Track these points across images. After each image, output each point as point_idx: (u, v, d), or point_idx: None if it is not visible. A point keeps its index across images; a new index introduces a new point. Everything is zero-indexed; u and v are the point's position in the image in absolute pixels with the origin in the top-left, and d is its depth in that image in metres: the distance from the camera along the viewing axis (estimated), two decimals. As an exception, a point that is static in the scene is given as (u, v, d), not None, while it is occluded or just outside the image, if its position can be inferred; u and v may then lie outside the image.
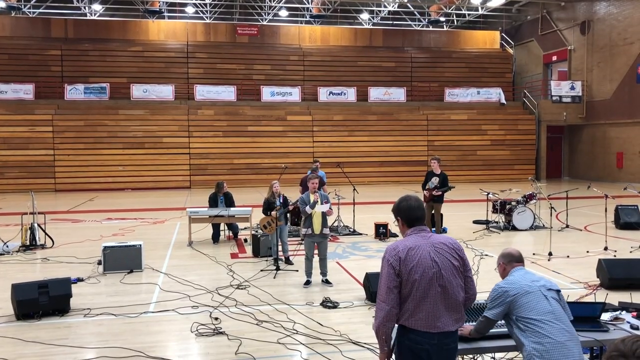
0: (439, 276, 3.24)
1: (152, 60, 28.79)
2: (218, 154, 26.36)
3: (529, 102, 29.73)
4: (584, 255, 10.02)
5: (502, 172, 28.37)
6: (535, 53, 31.59)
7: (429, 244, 3.30)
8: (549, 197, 12.11)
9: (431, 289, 3.22)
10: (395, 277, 3.23)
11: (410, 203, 3.44)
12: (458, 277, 3.32)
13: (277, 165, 24.80)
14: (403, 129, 28.03)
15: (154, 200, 20.63)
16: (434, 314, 3.22)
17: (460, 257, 3.36)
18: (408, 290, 3.23)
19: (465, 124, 28.60)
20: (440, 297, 3.24)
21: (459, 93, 30.17)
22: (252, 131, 26.78)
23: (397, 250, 3.30)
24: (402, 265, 3.23)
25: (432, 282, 3.22)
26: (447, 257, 3.30)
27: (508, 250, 4.02)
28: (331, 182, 23.32)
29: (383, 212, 16.46)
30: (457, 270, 3.31)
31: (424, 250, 3.27)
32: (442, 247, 3.32)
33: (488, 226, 12.95)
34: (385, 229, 11.89)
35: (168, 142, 25.96)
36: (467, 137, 28.40)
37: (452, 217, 14.28)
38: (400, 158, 27.66)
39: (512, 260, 3.94)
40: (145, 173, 25.57)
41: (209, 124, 26.59)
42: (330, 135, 27.36)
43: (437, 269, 3.25)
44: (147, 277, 8.66)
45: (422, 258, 3.24)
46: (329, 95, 29.02)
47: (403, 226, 3.46)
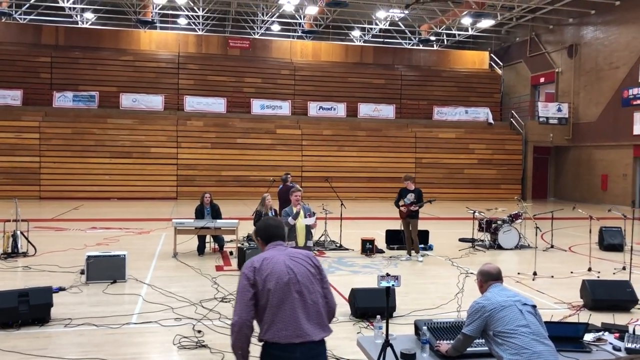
0: (294, 282, 3.21)
1: (143, 70, 28.75)
2: (206, 166, 26.28)
3: (517, 122, 30.04)
4: (568, 275, 10.07)
5: (489, 191, 28.56)
6: (524, 74, 32.01)
7: (285, 254, 3.33)
8: (534, 217, 12.19)
9: (288, 296, 3.17)
10: (250, 287, 3.18)
11: (269, 222, 3.51)
12: (316, 284, 3.29)
13: (265, 178, 24.78)
14: (391, 145, 28.16)
15: (140, 211, 20.47)
16: (294, 323, 3.13)
17: (316, 266, 3.37)
18: (265, 300, 3.16)
19: (453, 142, 28.81)
20: (299, 303, 3.18)
21: (448, 112, 30.43)
22: (241, 144, 26.75)
23: (253, 261, 3.30)
24: (256, 274, 3.21)
25: (288, 288, 3.18)
26: (302, 264, 3.30)
27: (486, 268, 4.09)
28: (319, 197, 23.28)
29: (370, 227, 16.45)
30: (314, 276, 3.30)
31: (279, 259, 3.28)
32: (298, 256, 3.36)
33: (474, 244, 12.99)
34: (371, 244, 11.88)
35: (156, 152, 25.84)
36: (454, 156, 28.59)
37: (438, 235, 14.32)
38: (388, 174, 27.76)
39: (489, 278, 4.02)
40: (132, 183, 25.39)
41: (198, 135, 26.52)
42: (319, 150, 27.41)
43: (293, 275, 3.23)
44: (130, 288, 8.57)
45: (277, 265, 3.23)
46: (318, 110, 29.13)
47: (262, 245, 3.49)
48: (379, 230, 14.87)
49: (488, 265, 4.13)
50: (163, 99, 27.63)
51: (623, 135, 25.10)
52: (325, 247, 12.56)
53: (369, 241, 11.96)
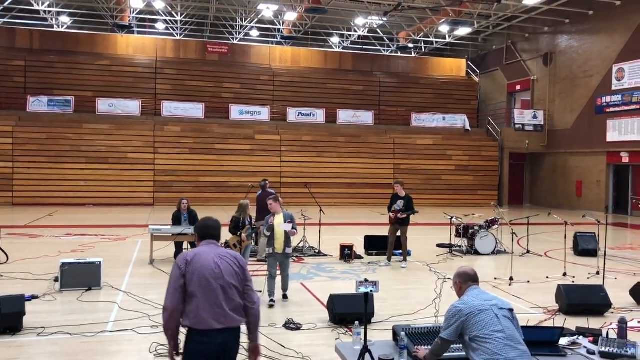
0: (219, 277, 3.74)
1: (120, 74, 28.47)
2: (183, 171, 26.09)
3: (493, 129, 30.43)
4: (544, 280, 10.21)
5: (466, 197, 28.84)
6: (500, 82, 32.47)
7: (215, 252, 3.85)
8: (510, 223, 12.34)
9: (213, 289, 3.69)
10: (181, 277, 3.70)
11: (207, 222, 4.01)
12: (237, 282, 3.80)
13: (243, 184, 24.67)
14: (370, 151, 28.29)
15: (116, 217, 20.22)
16: (216, 312, 3.65)
17: (241, 266, 3.87)
18: (192, 290, 3.67)
19: (431, 148, 29.06)
20: (222, 295, 3.71)
21: (425, 118, 30.69)
22: (220, 149, 26.63)
23: (186, 255, 3.83)
24: (187, 266, 3.74)
25: (213, 282, 3.70)
26: (229, 263, 3.82)
27: (464, 269, 4.12)
28: (298, 203, 23.25)
29: (349, 233, 16.47)
30: (237, 275, 3.81)
31: (209, 255, 3.81)
32: (226, 255, 3.87)
33: (451, 250, 13.09)
34: (350, 250, 11.90)
35: (133, 158, 25.57)
36: (432, 162, 28.84)
37: (416, 241, 14.40)
38: (367, 180, 27.86)
39: (467, 279, 4.04)
40: (108, 189, 25.08)
41: (175, 141, 26.33)
42: (298, 156, 27.41)
43: (219, 270, 3.75)
44: (105, 295, 8.45)
45: (206, 261, 3.77)
46: (298, 115, 29.16)
47: (198, 240, 3.98)
48: (357, 236, 14.91)
49: (465, 267, 4.16)
50: (140, 104, 27.38)
51: (597, 142, 25.58)
52: (304, 254, 12.53)
53: (347, 247, 11.97)
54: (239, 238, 9.37)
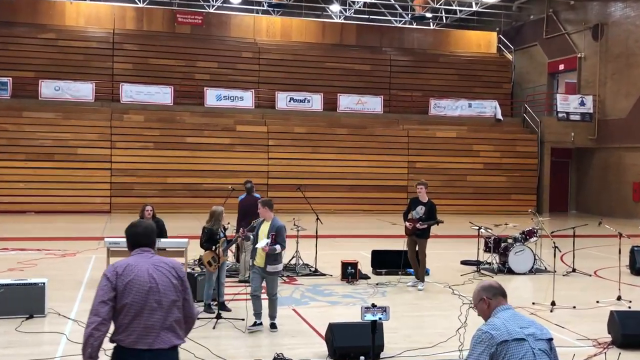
0: (155, 292, 4.03)
1: (68, 51, 28.43)
2: (147, 171, 26.06)
3: (531, 119, 30.49)
4: (593, 305, 10.23)
5: (497, 202, 28.87)
6: (539, 60, 32.52)
7: (149, 262, 4.14)
8: (552, 235, 12.35)
9: (147, 304, 3.99)
10: (111, 290, 4.00)
11: (137, 230, 4.32)
12: (176, 295, 4.11)
13: (221, 187, 24.64)
14: (379, 146, 28.31)
15: (64, 227, 20.18)
16: (148, 331, 3.97)
17: (179, 277, 4.17)
18: (123, 305, 3.97)
19: (454, 142, 29.09)
20: (156, 312, 4.00)
21: (447, 105, 30.74)
22: (192, 143, 26.61)
23: (116, 266, 4.11)
24: (118, 279, 4.01)
25: (147, 297, 4.00)
26: (165, 275, 4.11)
27: (488, 282, 4.07)
28: (289, 209, 23.21)
29: (352, 247, 16.45)
30: (175, 288, 4.12)
31: (143, 267, 4.09)
32: (162, 266, 4.15)
33: (479, 268, 13.10)
34: (354, 268, 11.91)
35: (84, 154, 25.53)
36: (455, 159, 28.86)
37: (435, 257, 14.41)
38: (374, 182, 27.86)
39: (496, 293, 3.97)
40: (54, 192, 25.03)
41: (138, 133, 26.30)
42: (289, 152, 27.41)
43: (155, 284, 4.04)
44: (51, 325, 8.44)
45: (139, 273, 4.04)
46: (289, 102, 29.17)
47: (129, 248, 4.31)
48: (363, 250, 14.90)
49: (488, 280, 4.11)
50: (93, 87, 27.35)
51: (658, 135, 25.64)
52: (296, 272, 12.53)
53: (350, 264, 11.98)
54: (214, 254, 9.36)
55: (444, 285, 11.69)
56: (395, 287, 11.59)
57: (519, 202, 28.79)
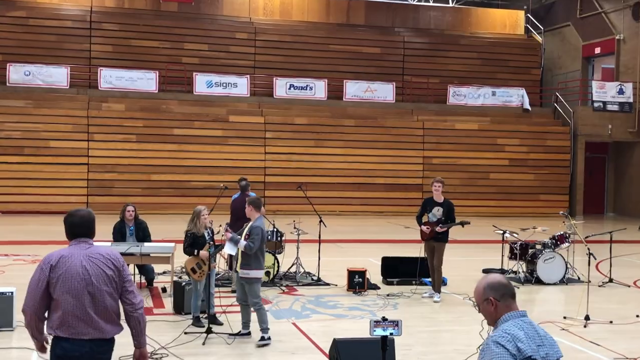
0: (88, 284, 4.51)
1: (40, 31, 28.42)
2: (129, 167, 26.06)
3: (562, 109, 30.42)
4: (633, 320, 10.20)
5: (524, 203, 28.82)
6: (572, 42, 32.43)
7: (84, 254, 4.59)
8: (586, 240, 12.32)
9: (80, 296, 4.48)
10: (44, 282, 4.50)
11: (73, 220, 4.79)
12: (110, 286, 4.59)
13: (213, 185, 24.64)
14: (390, 140, 28.26)
15: (35, 230, 20.19)
16: (83, 321, 4.49)
17: (116, 267, 4.63)
18: (57, 296, 4.48)
19: (475, 135, 29.04)
20: (90, 304, 4.50)
21: (468, 93, 30.67)
22: (180, 136, 26.60)
23: (51, 257, 4.58)
24: (52, 271, 4.50)
25: (81, 289, 4.49)
26: (99, 266, 4.57)
27: (496, 278, 3.79)
28: (289, 211, 23.20)
29: (360, 253, 16.44)
30: (110, 279, 4.58)
31: (77, 258, 4.55)
32: (97, 257, 4.61)
33: (503, 277, 13.06)
34: (362, 277, 11.90)
35: (58, 148, 25.54)
36: (476, 155, 28.81)
37: (454, 264, 14.40)
38: (385, 180, 27.82)
39: (505, 293, 3.72)
40: (23, 190, 25.04)
41: (118, 124, 26.31)
42: (289, 145, 27.38)
43: (88, 276, 4.51)
44: (20, 339, 8.45)
45: (73, 265, 4.51)
46: (288, 89, 29.13)
47: (68, 238, 4.73)
48: (372, 257, 14.88)
49: (493, 275, 3.82)
50: (68, 72, 27.34)
51: None
52: (297, 282, 12.52)
53: (358, 273, 11.96)
54: (198, 260, 9.35)
55: (463, 297, 11.65)
56: (408, 298, 11.56)
57: (549, 203, 28.72)
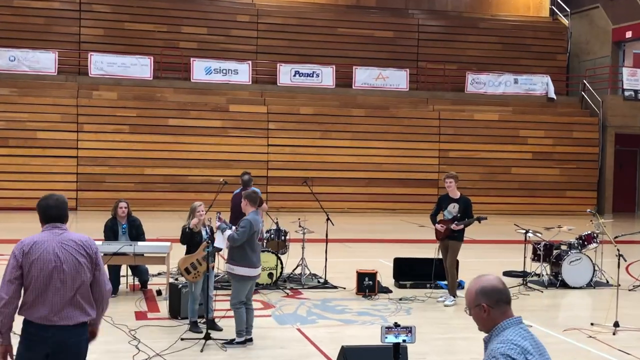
0: (59, 271, 4.90)
1: (25, 13, 28.44)
2: (121, 160, 26.10)
3: (590, 98, 30.34)
4: (666, 327, 10.19)
5: (548, 200, 28.77)
6: (602, 26, 32.30)
7: (57, 240, 4.98)
8: (615, 240, 12.30)
9: (51, 283, 4.89)
10: (18, 268, 4.89)
11: (48, 202, 5.13)
12: (82, 274, 4.98)
13: (212, 180, 24.68)
14: (403, 131, 28.24)
15: (20, 227, 20.20)
16: (52, 308, 4.88)
17: (88, 254, 5.03)
18: (28, 283, 4.89)
19: (496, 127, 28.98)
20: (60, 291, 4.90)
21: (487, 81, 30.60)
22: (176, 127, 26.63)
23: (24, 243, 4.96)
24: (24, 257, 4.90)
25: (51, 276, 4.88)
26: (72, 253, 4.96)
27: (490, 282, 3.71)
28: (293, 207, 23.20)
29: (370, 254, 16.43)
30: (81, 266, 4.98)
31: (49, 245, 4.94)
32: (70, 244, 4.99)
33: (525, 280, 13.05)
34: (372, 280, 11.91)
35: (45, 139, 25.59)
36: (497, 148, 28.76)
37: (471, 266, 14.38)
38: (397, 175, 27.79)
39: (500, 300, 3.67)
40: (8, 185, 25.12)
41: (110, 114, 26.34)
42: (293, 137, 27.39)
43: (59, 263, 4.90)
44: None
45: (45, 252, 4.91)
46: (293, 76, 29.12)
47: (41, 223, 5.11)
48: (383, 258, 14.88)
49: (486, 279, 3.72)
50: (56, 58, 27.38)
51: None
52: (302, 284, 12.54)
53: (368, 275, 11.97)
54: (193, 260, 9.37)
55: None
56: (423, 302, 11.56)
57: (575, 200, 28.67)
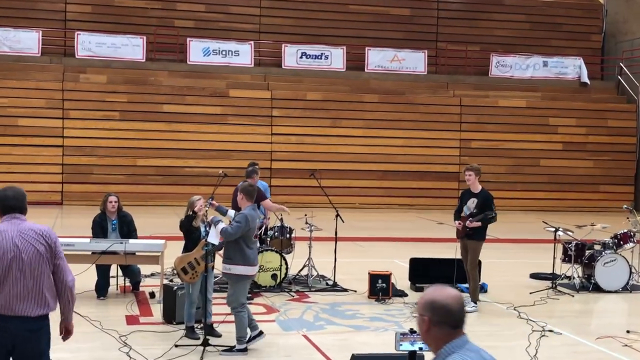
0: (18, 260, 5.31)
1: (6, -12, 28.53)
2: (111, 149, 26.14)
3: (628, 83, 30.23)
4: None
5: (581, 195, 28.71)
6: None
7: (16, 230, 5.39)
8: (655, 239, 12.29)
9: (10, 273, 5.31)
10: None
11: (7, 193, 5.54)
12: (42, 264, 5.39)
13: (210, 172, 24.71)
14: (421, 119, 28.20)
15: (0, 223, 20.32)
16: (11, 298, 5.29)
17: (48, 244, 5.43)
18: None
19: (523, 114, 28.92)
20: (19, 281, 5.31)
21: (514, 64, 30.51)
22: (171, 113, 26.65)
23: None
24: None
25: (10, 266, 5.30)
26: (31, 243, 5.37)
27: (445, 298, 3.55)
28: (299, 203, 23.18)
29: (384, 254, 16.42)
30: (41, 256, 5.38)
31: (8, 234, 5.36)
32: (29, 233, 5.40)
33: (555, 283, 13.03)
34: (386, 282, 11.90)
35: (27, 127, 25.66)
36: (524, 137, 28.71)
37: (497, 267, 14.37)
38: (414, 167, 27.76)
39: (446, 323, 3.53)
40: (-13, 177, 25.22)
41: (98, 99, 26.38)
42: (300, 125, 27.39)
43: (18, 253, 5.31)
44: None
45: (4, 242, 5.32)
46: (300, 58, 29.08)
47: (0, 214, 5.51)
48: (398, 258, 14.89)
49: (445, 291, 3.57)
50: (40, 38, 27.41)
51: None
52: (309, 287, 12.54)
53: (381, 277, 11.96)
54: (191, 259, 9.37)
55: (507, 307, 11.63)
56: (470, 310, 11.52)
57: (610, 195, 28.61)
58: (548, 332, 10.00)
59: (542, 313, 11.22)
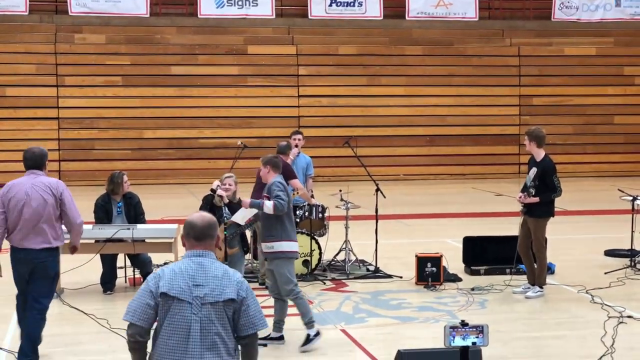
0: (28, 205, 8.00)
1: (-13, -64, 28.68)
2: (114, 120, 26.30)
3: None
4: None
5: (663, 157, 28.53)
6: None
7: (30, 183, 8.08)
8: None
9: (21, 216, 8.01)
10: (1, 205, 8.09)
11: (26, 154, 8.27)
12: (48, 209, 8.05)
13: (227, 143, 24.82)
14: (473, 73, 28.10)
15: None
16: (22, 235, 8.04)
17: (54, 194, 8.07)
18: (7, 216, 8.06)
19: (592, 64, 28.71)
20: (28, 222, 7.99)
21: (581, 4, 30.23)
22: (181, 76, 26.72)
23: (6, 185, 8.24)
24: (4, 197, 8.14)
25: (22, 210, 8.00)
26: (39, 192, 8.03)
27: (193, 217, 5.00)
28: (332, 176, 23.21)
29: (433, 233, 16.46)
30: (46, 203, 8.04)
31: (23, 186, 8.07)
32: (39, 185, 8.08)
33: (633, 261, 12.99)
34: (437, 266, 11.90)
35: (16, 97, 25.86)
36: (595, 91, 28.52)
37: (564, 244, 14.35)
38: (467, 130, 27.69)
39: (189, 234, 4.93)
40: (-27, 156, 25.50)
41: (97, 62, 26.51)
42: (331, 85, 27.37)
43: (28, 200, 7.99)
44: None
45: (18, 192, 8.05)
46: (329, 6, 28.96)
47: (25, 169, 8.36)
48: (450, 238, 14.92)
49: (196, 214, 5.09)
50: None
51: None
52: (347, 274, 12.58)
53: (430, 260, 11.99)
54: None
55: (577, 290, 11.60)
56: (501, 293, 11.53)
57: (699, 156, 28.40)
58: (627, 318, 9.95)
59: (619, 296, 11.18)
